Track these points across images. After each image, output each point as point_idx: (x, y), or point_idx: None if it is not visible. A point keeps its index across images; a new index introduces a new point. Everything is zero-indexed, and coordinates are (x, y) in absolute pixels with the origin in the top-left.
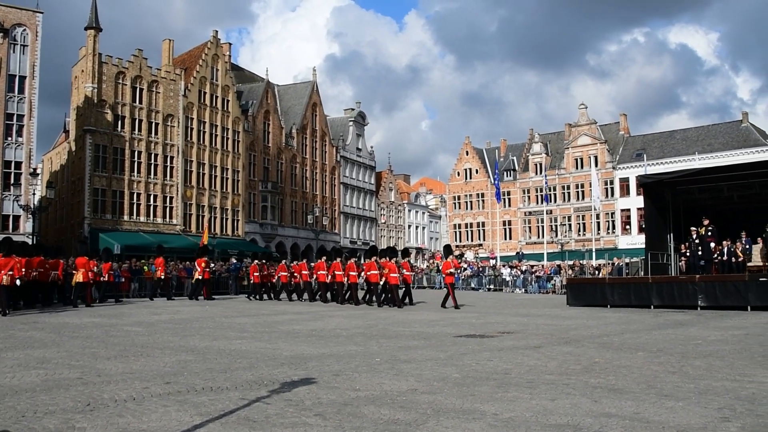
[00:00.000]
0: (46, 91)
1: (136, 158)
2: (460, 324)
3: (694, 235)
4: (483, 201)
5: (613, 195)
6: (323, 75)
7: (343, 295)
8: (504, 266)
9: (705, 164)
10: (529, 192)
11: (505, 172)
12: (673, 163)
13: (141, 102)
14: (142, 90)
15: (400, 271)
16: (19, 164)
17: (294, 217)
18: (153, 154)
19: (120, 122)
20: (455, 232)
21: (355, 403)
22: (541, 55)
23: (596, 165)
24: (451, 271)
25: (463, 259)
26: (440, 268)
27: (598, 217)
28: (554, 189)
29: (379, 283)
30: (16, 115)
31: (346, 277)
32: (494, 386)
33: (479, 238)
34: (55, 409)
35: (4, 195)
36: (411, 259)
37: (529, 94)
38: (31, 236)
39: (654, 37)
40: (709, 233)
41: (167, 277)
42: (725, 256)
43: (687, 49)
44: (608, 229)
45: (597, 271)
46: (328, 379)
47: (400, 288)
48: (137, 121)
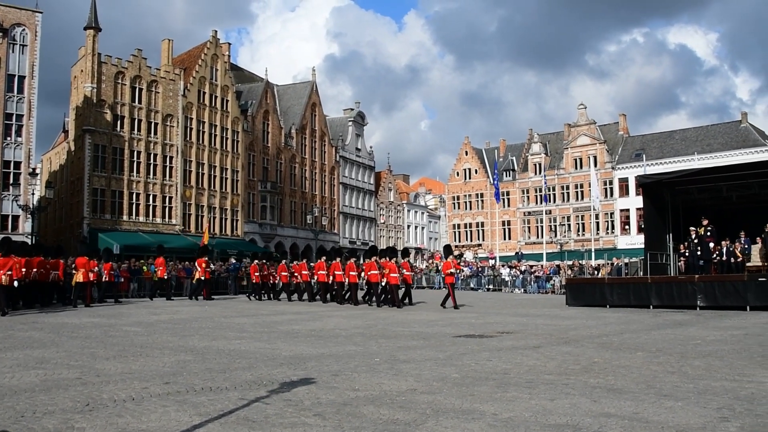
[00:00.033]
0: (46, 91)
1: (136, 158)
2: (459, 324)
3: (693, 235)
4: (482, 201)
5: (612, 195)
6: (322, 75)
7: (343, 296)
8: (503, 266)
9: (704, 164)
10: (528, 192)
11: (505, 172)
12: (672, 164)
13: (140, 102)
14: (141, 90)
15: (400, 271)
16: (18, 164)
17: (293, 217)
18: (152, 154)
19: (119, 122)
20: (454, 232)
21: (355, 403)
22: (541, 55)
23: (595, 165)
24: (452, 271)
25: (462, 259)
26: (440, 268)
27: (598, 217)
28: (553, 189)
29: (380, 283)
30: (15, 115)
31: (346, 277)
32: (493, 386)
33: (478, 239)
34: (54, 409)
35: (4, 195)
36: (410, 259)
37: (528, 94)
38: (30, 236)
39: (653, 37)
40: (708, 233)
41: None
42: (724, 256)
43: (686, 50)
44: (607, 229)
45: (596, 271)
46: (328, 379)
47: (400, 288)
48: (136, 121)
